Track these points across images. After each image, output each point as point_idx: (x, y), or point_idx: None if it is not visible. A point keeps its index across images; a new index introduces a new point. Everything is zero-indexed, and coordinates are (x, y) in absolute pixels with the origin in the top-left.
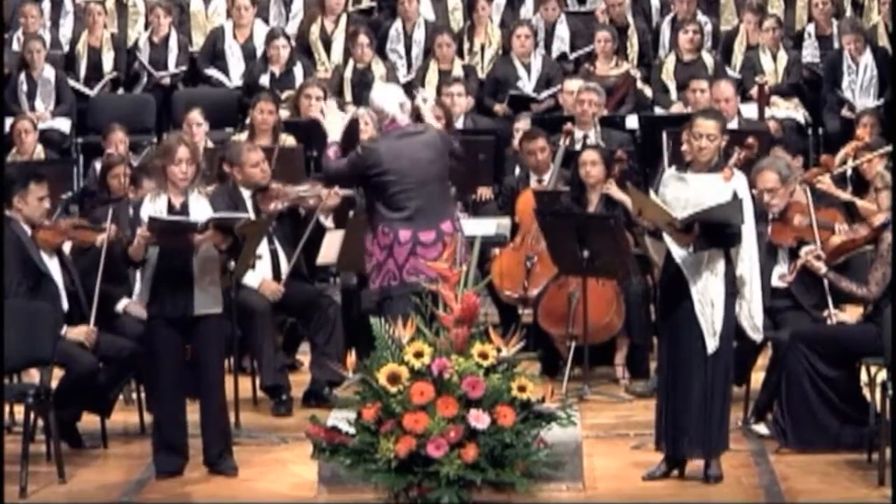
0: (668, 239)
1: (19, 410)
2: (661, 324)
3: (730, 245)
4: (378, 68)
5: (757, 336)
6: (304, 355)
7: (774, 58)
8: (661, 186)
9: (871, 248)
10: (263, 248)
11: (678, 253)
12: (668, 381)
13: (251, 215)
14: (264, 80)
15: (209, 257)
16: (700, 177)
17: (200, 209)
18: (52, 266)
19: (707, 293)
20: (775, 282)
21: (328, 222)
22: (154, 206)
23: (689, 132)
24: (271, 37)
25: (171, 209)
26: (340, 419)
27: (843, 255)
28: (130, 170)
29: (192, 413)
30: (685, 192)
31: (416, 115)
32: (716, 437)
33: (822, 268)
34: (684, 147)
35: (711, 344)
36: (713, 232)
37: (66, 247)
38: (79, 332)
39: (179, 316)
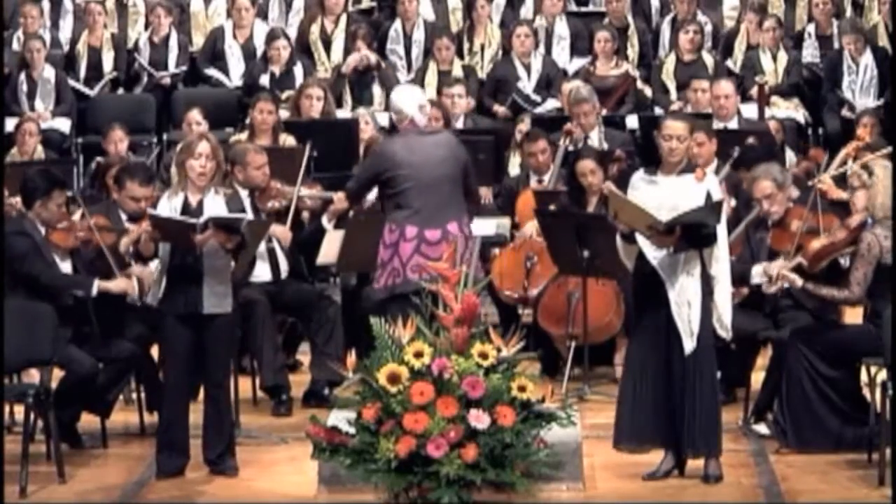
0: (642, 241)
1: (19, 410)
2: (635, 326)
3: (708, 245)
4: (379, 74)
5: (725, 335)
6: (304, 355)
7: (774, 58)
8: (631, 189)
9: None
10: (261, 248)
11: (654, 255)
12: (643, 381)
13: (250, 215)
14: (264, 80)
15: (219, 257)
16: (671, 179)
17: (215, 210)
18: (65, 269)
19: (684, 294)
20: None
21: (330, 225)
22: (170, 204)
23: (659, 134)
24: (271, 37)
25: (186, 207)
26: (340, 419)
27: (825, 259)
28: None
29: (194, 413)
30: (657, 195)
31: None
32: (710, 436)
33: (797, 280)
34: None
35: (689, 344)
36: (693, 233)
37: None
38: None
39: (189, 313)
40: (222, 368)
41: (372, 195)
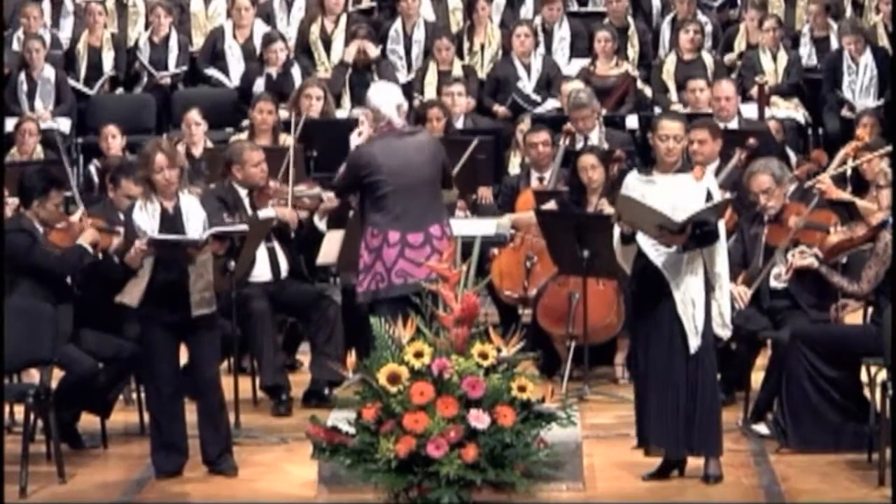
0: (643, 242)
1: (19, 410)
2: (636, 327)
3: (712, 243)
4: (378, 68)
5: (726, 333)
6: (304, 355)
7: (774, 58)
8: (625, 190)
9: (869, 247)
10: (261, 247)
11: (657, 255)
12: (650, 383)
13: (248, 217)
14: (260, 82)
15: (203, 262)
16: (668, 178)
17: (193, 211)
18: None
19: (688, 292)
20: (773, 283)
21: (322, 224)
22: (146, 213)
23: (655, 135)
24: (268, 40)
25: (164, 214)
26: (340, 419)
27: (841, 253)
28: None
29: (191, 413)
30: (656, 195)
31: (416, 117)
32: (710, 436)
33: (813, 262)
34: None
35: (694, 343)
36: (700, 232)
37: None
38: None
39: (176, 322)
40: (212, 368)
41: None
